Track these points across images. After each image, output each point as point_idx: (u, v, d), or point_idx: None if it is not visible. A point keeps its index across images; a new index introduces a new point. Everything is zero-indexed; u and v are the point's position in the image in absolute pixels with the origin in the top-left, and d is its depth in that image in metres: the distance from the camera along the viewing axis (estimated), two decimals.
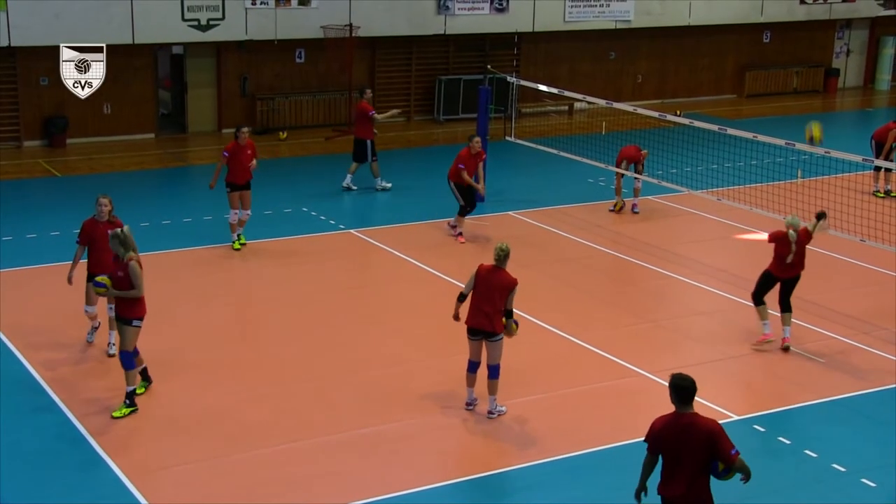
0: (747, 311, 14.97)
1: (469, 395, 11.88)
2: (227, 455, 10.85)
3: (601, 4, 28.17)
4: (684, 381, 8.24)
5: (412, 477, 10.57)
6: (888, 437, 11.60)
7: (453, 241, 17.61)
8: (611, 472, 10.78)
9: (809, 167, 19.86)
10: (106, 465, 10.58)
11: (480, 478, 10.66)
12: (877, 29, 33.52)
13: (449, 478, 10.62)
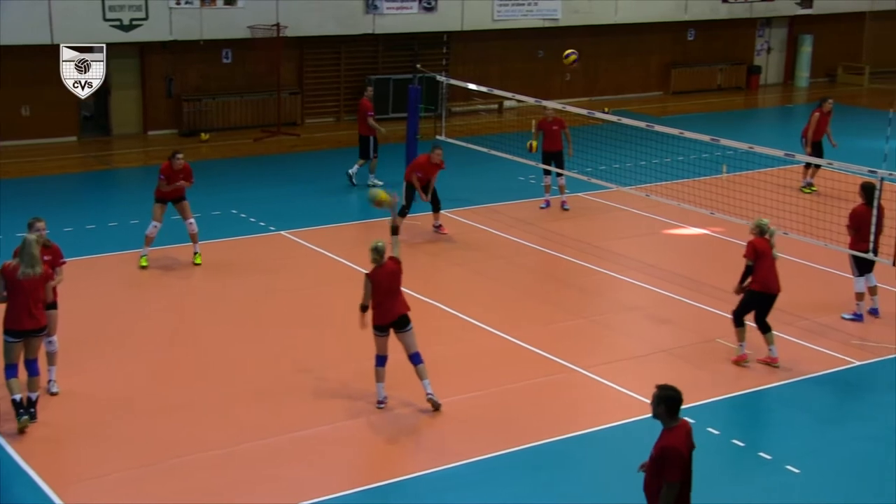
0: (677, 306, 15.24)
1: (380, 392, 11.96)
2: (159, 462, 10.79)
3: (529, 3, 28.39)
4: (677, 392, 8.06)
5: (347, 479, 10.60)
6: (812, 425, 11.91)
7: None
8: (545, 469, 10.90)
9: (734, 162, 20.23)
10: (27, 475, 10.42)
11: (416, 477, 10.70)
12: (795, 27, 34.19)
13: (385, 478, 10.66)
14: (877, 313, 14.86)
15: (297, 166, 23.30)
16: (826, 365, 13.35)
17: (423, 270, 16.81)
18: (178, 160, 16.12)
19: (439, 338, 13.99)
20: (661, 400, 8.01)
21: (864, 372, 13.23)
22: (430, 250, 17.66)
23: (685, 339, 14.13)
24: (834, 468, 11.01)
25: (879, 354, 13.64)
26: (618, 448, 11.39)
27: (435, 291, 15.55)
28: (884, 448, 11.45)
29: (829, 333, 14.34)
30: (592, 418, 11.94)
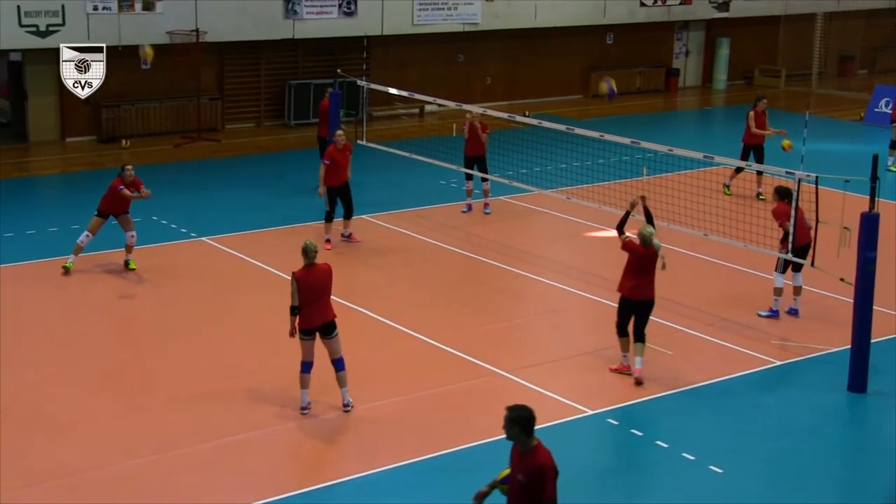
0: (600, 308, 15.32)
1: (304, 398, 11.84)
2: (85, 472, 10.56)
3: (449, 7, 28.40)
4: (529, 410, 7.66)
5: (275, 485, 10.47)
6: (734, 425, 12.03)
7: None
8: (470, 472, 10.85)
9: (655, 165, 20.41)
10: None
11: (343, 482, 10.60)
12: (712, 30, 34.67)
13: (312, 484, 10.56)
14: (797, 314, 15.08)
15: (218, 172, 23.03)
16: (747, 365, 13.50)
17: (346, 275, 16.68)
18: (129, 171, 15.97)
19: (363, 343, 13.91)
20: (514, 421, 7.62)
21: (785, 371, 13.41)
22: (350, 255, 17.55)
23: (608, 342, 14.16)
24: (755, 467, 11.13)
25: (799, 354, 13.84)
26: None
27: (358, 296, 15.45)
28: (803, 446, 11.62)
29: (751, 334, 14.52)
30: None
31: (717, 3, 33.32)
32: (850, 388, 12.73)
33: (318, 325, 11.59)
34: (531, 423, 7.64)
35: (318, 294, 11.55)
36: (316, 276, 11.57)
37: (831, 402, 12.63)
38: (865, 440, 12.15)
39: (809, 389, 12.93)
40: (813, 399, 12.68)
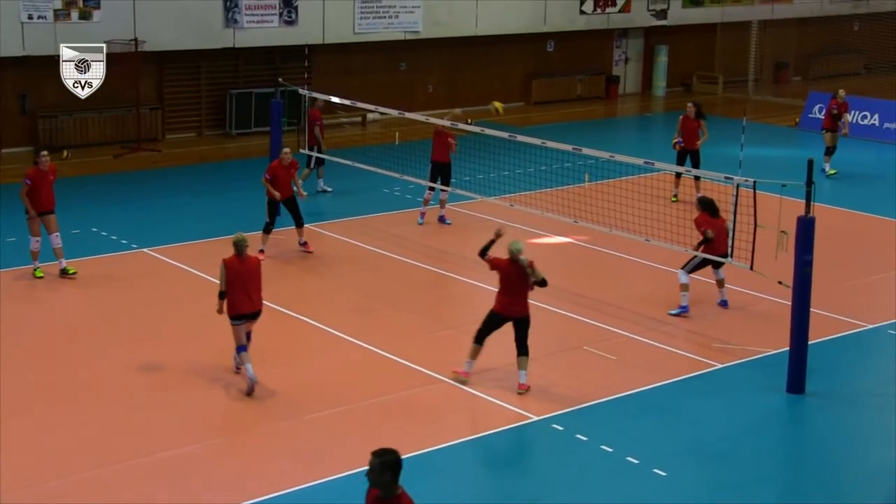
0: (543, 314, 15.41)
1: (249, 371, 12.34)
2: (24, 488, 10.42)
3: (390, 16, 28.44)
4: (398, 454, 7.09)
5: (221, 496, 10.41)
6: (677, 428, 12.17)
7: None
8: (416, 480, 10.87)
9: (596, 171, 20.59)
10: None
11: (290, 493, 10.56)
12: (651, 38, 35.07)
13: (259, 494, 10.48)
14: (726, 304, 15.48)
15: (158, 182, 22.85)
16: (689, 368, 13.67)
17: (291, 285, 16.67)
18: (45, 158, 15.94)
19: (309, 352, 13.91)
20: (387, 466, 7.08)
21: (726, 374, 13.59)
22: (297, 264, 17.51)
23: (552, 347, 14.29)
24: (698, 469, 11.28)
25: (739, 357, 14.03)
26: (489, 458, 11.45)
27: (303, 306, 15.43)
28: (745, 448, 11.78)
29: (692, 337, 14.71)
30: (462, 429, 11.97)
31: (655, 10, 33.71)
32: (788, 390, 12.95)
33: (247, 312, 12.43)
34: (400, 468, 7.11)
35: (247, 283, 12.36)
36: (245, 267, 12.38)
37: (771, 404, 12.84)
38: (804, 441, 12.36)
39: (749, 391, 13.12)
40: (753, 401, 12.88)
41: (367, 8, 28.12)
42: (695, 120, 21.29)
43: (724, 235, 14.92)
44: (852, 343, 14.72)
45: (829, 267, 16.20)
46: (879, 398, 13.13)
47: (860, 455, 11.80)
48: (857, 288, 16.87)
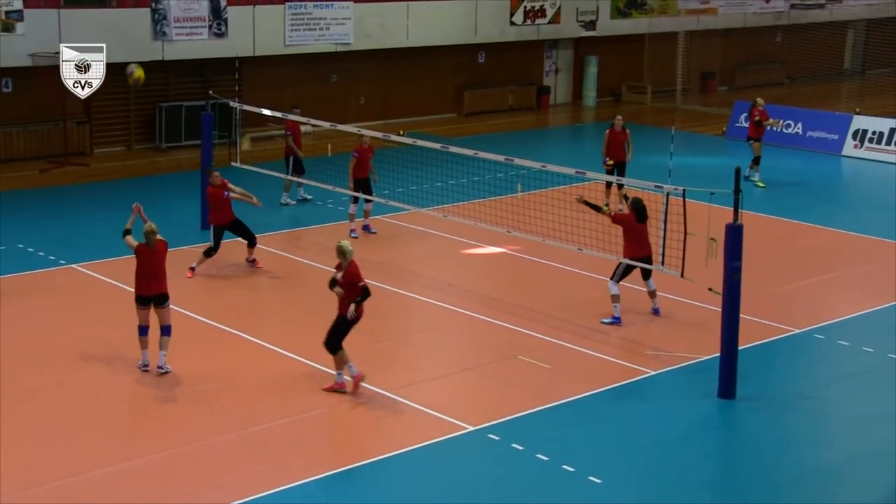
0: (478, 324, 15.47)
1: (144, 357, 13.37)
2: None
3: (321, 28, 28.38)
4: None
5: None
6: (611, 435, 12.27)
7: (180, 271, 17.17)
8: (356, 491, 10.87)
9: (528, 181, 20.71)
10: None
11: None
12: (581, 49, 35.40)
13: None
14: (658, 312, 15.66)
15: (87, 197, 22.54)
16: (623, 376, 13.78)
17: (224, 299, 16.53)
18: None
19: (243, 366, 13.80)
20: None
21: (658, 381, 13.72)
22: (232, 279, 17.36)
23: (487, 357, 14.34)
24: (633, 476, 11.37)
25: (671, 363, 14.18)
26: (425, 469, 11.44)
27: (236, 320, 15.31)
28: (678, 453, 11.91)
29: (625, 345, 14.83)
30: (398, 440, 11.95)
31: (585, 21, 34.04)
32: (720, 395, 13.11)
33: (152, 294, 13.30)
34: None
35: (153, 269, 13.31)
36: (153, 254, 13.34)
37: (703, 410, 12.99)
38: (736, 445, 12.52)
39: (682, 397, 13.26)
40: (685, 407, 13.02)
41: (298, 20, 28.03)
42: (622, 132, 21.54)
43: (644, 239, 15.10)
44: (781, 348, 14.96)
45: (757, 273, 16.45)
46: (809, 401, 13.35)
47: (792, 457, 11.99)
48: (785, 293, 17.16)
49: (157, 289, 13.37)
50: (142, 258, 13.40)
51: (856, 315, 16.13)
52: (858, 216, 21.97)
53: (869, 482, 11.40)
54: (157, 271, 13.39)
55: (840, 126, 28.49)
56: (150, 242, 13.38)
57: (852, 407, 13.27)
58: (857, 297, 16.96)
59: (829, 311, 16.29)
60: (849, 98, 37.65)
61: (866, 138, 27.82)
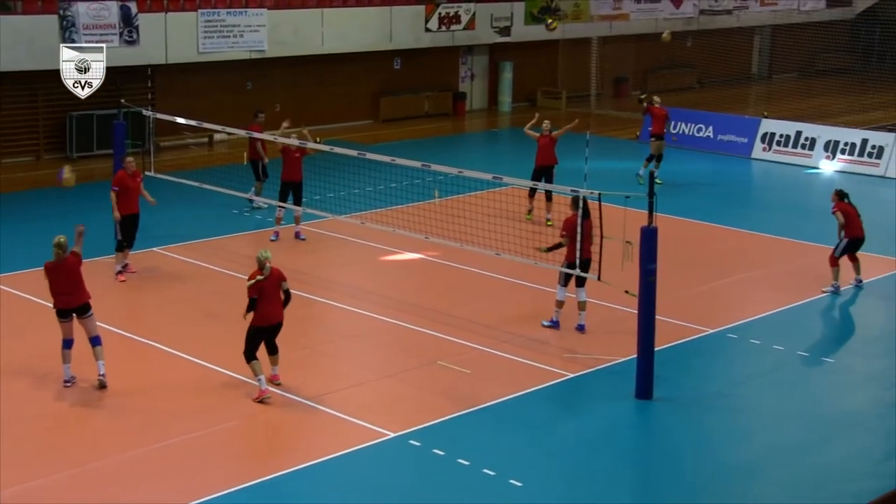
0: (398, 331, 15.48)
1: (66, 373, 13.17)
2: None
3: (234, 35, 28.16)
4: None
5: None
6: (531, 438, 12.37)
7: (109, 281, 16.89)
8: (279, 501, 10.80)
9: (446, 187, 20.79)
10: None
11: None
12: (496, 54, 35.63)
13: None
14: (583, 329, 15.50)
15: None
16: (542, 379, 13.89)
17: (137, 309, 16.34)
18: None
19: (160, 378, 13.65)
20: None
21: (577, 383, 13.86)
22: (144, 288, 17.15)
23: (408, 364, 14.36)
24: (553, 478, 11.48)
25: (589, 366, 14.34)
26: (346, 477, 11.42)
27: (150, 330, 15.13)
28: (597, 454, 12.06)
29: (544, 348, 14.96)
30: (319, 449, 11.91)
31: (499, 28, 34.27)
32: (637, 396, 13.30)
33: (73, 306, 13.10)
34: None
35: (67, 282, 13.03)
36: (63, 268, 13.06)
37: (621, 410, 13.16)
38: (653, 444, 12.71)
39: (600, 399, 13.42)
40: (603, 408, 13.18)
41: (211, 27, 27.78)
42: (550, 137, 21.52)
43: (589, 238, 15.10)
44: (696, 348, 15.22)
45: (672, 275, 16.70)
46: (723, 399, 13.61)
47: (707, 456, 12.21)
48: (700, 294, 17.47)
49: (76, 300, 13.13)
50: (50, 274, 13.12)
51: (766, 314, 16.49)
52: (768, 217, 22.45)
53: (781, 478, 11.65)
54: (71, 284, 13.09)
55: (749, 129, 29.09)
56: (57, 257, 13.08)
57: (764, 404, 13.56)
58: (767, 296, 17.34)
59: (742, 310, 16.62)
60: (757, 102, 38.46)
61: (774, 141, 28.44)
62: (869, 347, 15.60)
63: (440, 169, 17.25)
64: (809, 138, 27.91)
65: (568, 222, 15.22)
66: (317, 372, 14.06)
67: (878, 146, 26.81)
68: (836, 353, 15.61)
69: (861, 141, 27.17)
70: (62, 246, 13.08)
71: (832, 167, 27.09)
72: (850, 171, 26.44)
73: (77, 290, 13.16)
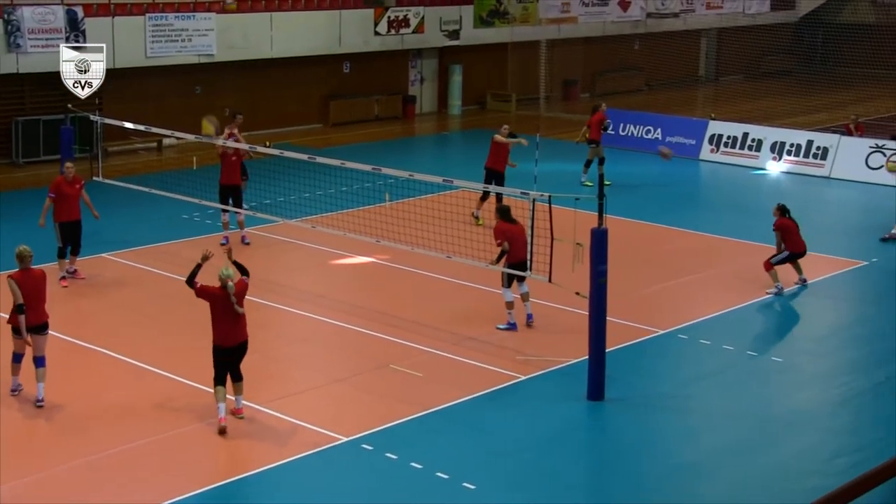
0: (349, 334, 15.46)
1: (14, 382, 12.90)
2: None
3: (183, 39, 27.97)
4: None
5: None
6: (484, 440, 12.41)
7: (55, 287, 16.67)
8: None
9: (396, 190, 20.78)
10: None
11: None
12: (445, 58, 35.68)
13: None
14: (531, 318, 15.73)
15: None
16: (494, 381, 13.92)
17: (86, 315, 16.17)
18: None
19: (108, 385, 13.53)
20: None
21: (529, 385, 13.91)
22: (95, 294, 16.98)
23: (359, 367, 14.34)
24: (506, 480, 11.52)
25: (541, 368, 14.40)
26: (299, 482, 11.39)
27: (99, 336, 15.00)
28: (550, 455, 12.11)
29: (495, 351, 15.00)
30: (271, 454, 11.86)
31: (448, 31, 34.33)
32: (589, 397, 13.38)
33: (33, 324, 12.55)
34: None
35: (34, 295, 12.55)
36: (32, 280, 12.60)
37: (573, 412, 13.23)
38: (605, 445, 12.80)
39: (552, 400, 13.49)
40: (556, 410, 13.25)
41: (159, 32, 27.58)
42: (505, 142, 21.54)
43: (522, 241, 15.23)
44: (647, 349, 15.35)
45: (622, 276, 16.83)
46: (674, 400, 13.73)
47: (658, 456, 12.31)
48: (650, 295, 17.61)
49: (37, 318, 12.68)
50: (23, 285, 12.57)
51: (716, 314, 16.66)
52: (717, 218, 22.68)
53: (731, 477, 11.78)
54: (38, 297, 12.69)
55: (697, 131, 29.38)
56: (27, 266, 12.71)
57: (715, 404, 13.70)
58: (716, 296, 17.52)
59: (691, 311, 16.78)
60: (704, 104, 38.83)
61: (721, 142, 28.74)
62: (816, 346, 15.82)
63: (390, 172, 17.26)
64: (756, 140, 28.24)
65: (497, 230, 15.36)
66: (268, 377, 13.99)
67: (823, 147, 27.18)
68: (785, 352, 15.80)
69: (806, 142, 27.54)
70: (29, 254, 12.76)
71: (779, 168, 27.43)
72: (796, 172, 26.79)
73: (40, 307, 12.75)
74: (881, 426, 12.99)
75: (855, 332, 16.38)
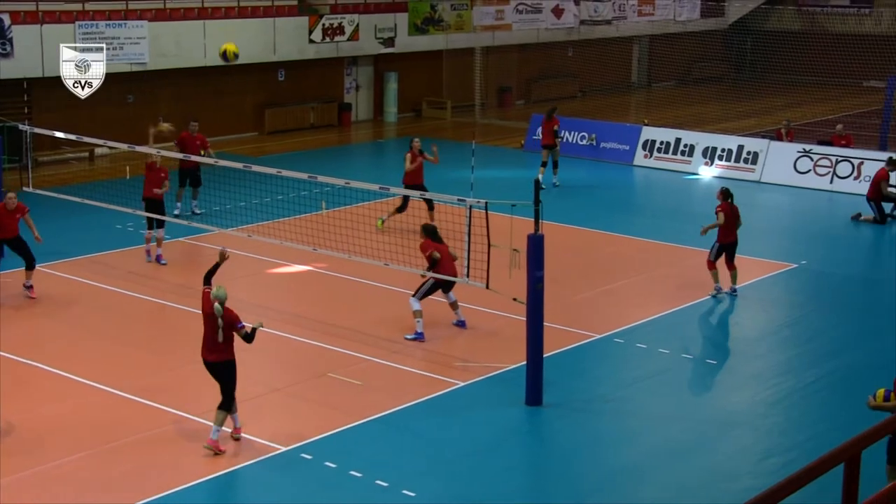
0: (287, 344, 15.39)
1: None
2: None
3: (114, 47, 27.63)
4: None
5: None
6: (423, 448, 12.43)
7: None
8: None
9: (333, 198, 20.75)
10: None
11: None
12: (380, 65, 35.69)
13: None
14: (464, 325, 15.90)
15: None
16: (433, 388, 13.95)
17: (22, 330, 15.90)
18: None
19: (44, 398, 13.33)
20: None
21: (468, 392, 13.96)
22: (28, 308, 16.72)
23: (297, 377, 14.29)
24: (446, 487, 11.54)
25: (480, 374, 14.45)
26: (237, 495, 11.32)
27: (35, 351, 14.77)
28: (489, 461, 12.16)
29: (434, 357, 15.03)
30: (208, 466, 11.77)
31: (383, 38, 34.34)
32: (527, 403, 13.46)
33: None
34: None
35: None
36: None
37: (512, 417, 13.30)
38: (544, 450, 12.89)
39: (491, 406, 13.54)
40: (495, 416, 13.30)
41: (90, 39, 27.21)
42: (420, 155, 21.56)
43: (448, 257, 15.42)
44: (584, 353, 15.47)
45: (559, 282, 16.97)
46: (612, 403, 13.86)
47: (597, 459, 12.43)
48: (586, 300, 17.76)
49: None
50: None
51: (651, 318, 16.85)
52: (651, 223, 22.94)
53: (668, 478, 11.92)
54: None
55: (631, 137, 29.69)
56: None
57: (652, 406, 13.85)
58: (652, 301, 17.71)
59: (627, 315, 16.96)
60: (637, 110, 39.31)
61: (655, 148, 29.08)
62: (749, 348, 16.06)
63: (327, 180, 17.23)
64: (688, 145, 28.62)
65: (423, 245, 15.53)
66: (205, 388, 13.85)
67: (754, 152, 27.63)
68: (719, 354, 16.03)
69: (737, 147, 27.98)
70: None
71: (711, 173, 27.82)
72: (728, 177, 27.16)
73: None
74: (810, 426, 13.25)
75: (785, 334, 16.67)
